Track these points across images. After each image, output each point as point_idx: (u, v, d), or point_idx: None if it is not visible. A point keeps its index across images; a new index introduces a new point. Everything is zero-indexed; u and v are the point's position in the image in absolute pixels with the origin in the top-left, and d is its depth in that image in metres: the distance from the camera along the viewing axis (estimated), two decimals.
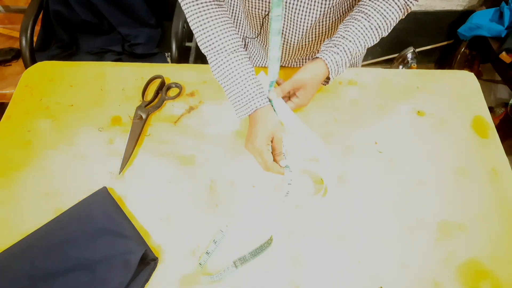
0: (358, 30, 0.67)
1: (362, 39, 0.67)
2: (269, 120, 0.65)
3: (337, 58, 0.67)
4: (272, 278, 0.61)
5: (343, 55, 0.67)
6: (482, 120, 0.79)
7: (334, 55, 0.67)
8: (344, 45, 0.67)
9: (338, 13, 0.74)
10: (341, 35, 0.68)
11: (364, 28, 0.67)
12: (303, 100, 0.69)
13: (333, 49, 0.67)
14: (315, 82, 0.68)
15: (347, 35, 0.67)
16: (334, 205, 0.68)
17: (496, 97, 1.77)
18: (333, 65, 0.67)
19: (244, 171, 0.72)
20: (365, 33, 0.67)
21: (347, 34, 0.67)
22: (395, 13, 0.67)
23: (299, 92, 0.69)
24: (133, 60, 1.37)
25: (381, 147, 0.75)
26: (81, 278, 0.59)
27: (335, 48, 0.67)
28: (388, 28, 0.69)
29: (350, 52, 0.67)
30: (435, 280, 0.60)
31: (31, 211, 0.67)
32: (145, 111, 0.79)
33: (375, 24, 0.67)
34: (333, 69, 0.67)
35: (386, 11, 0.67)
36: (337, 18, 0.76)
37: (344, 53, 0.67)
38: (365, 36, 0.67)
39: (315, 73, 0.67)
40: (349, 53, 0.67)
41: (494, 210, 0.67)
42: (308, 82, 0.67)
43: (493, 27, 1.55)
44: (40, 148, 0.75)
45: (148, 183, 0.71)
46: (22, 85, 0.85)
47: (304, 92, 0.68)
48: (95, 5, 1.30)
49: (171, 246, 0.64)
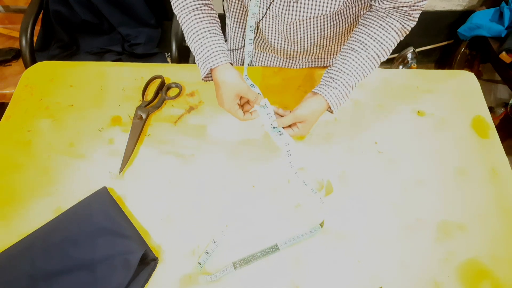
0: (356, 62, 0.66)
1: (360, 71, 0.67)
2: (228, 81, 0.63)
3: (336, 93, 0.66)
4: (272, 278, 0.61)
5: (342, 89, 0.66)
6: (482, 120, 0.79)
7: (333, 90, 0.66)
8: (342, 79, 0.66)
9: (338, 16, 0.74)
10: (339, 69, 0.67)
11: (362, 59, 0.66)
12: (303, 132, 0.68)
13: (331, 84, 0.66)
14: (314, 117, 0.67)
15: (345, 68, 0.66)
16: (334, 205, 0.68)
17: (496, 97, 1.76)
18: (333, 100, 0.66)
19: (244, 171, 0.72)
20: (364, 63, 0.67)
21: (345, 67, 0.66)
22: (392, 39, 0.66)
23: (299, 124, 0.67)
24: (133, 60, 1.37)
25: (381, 147, 0.75)
26: (81, 278, 0.59)
27: (334, 82, 0.66)
28: (386, 54, 0.68)
29: (350, 84, 0.67)
30: (435, 280, 0.60)
31: (31, 211, 0.67)
32: (145, 111, 0.79)
33: (373, 53, 0.66)
34: (333, 103, 0.66)
35: (383, 38, 0.66)
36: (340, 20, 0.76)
37: (344, 87, 0.66)
38: (364, 67, 0.67)
39: (315, 108, 0.66)
40: (348, 86, 0.67)
41: (494, 210, 0.67)
42: (308, 118, 0.66)
43: (493, 27, 1.55)
44: (40, 148, 0.75)
45: (148, 183, 0.71)
46: (22, 85, 0.85)
47: (304, 125, 0.67)
48: (95, 5, 1.30)
49: (171, 246, 0.64)
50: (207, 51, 0.64)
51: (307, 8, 0.70)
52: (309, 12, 0.70)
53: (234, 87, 0.63)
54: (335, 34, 0.79)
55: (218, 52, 0.64)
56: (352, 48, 0.67)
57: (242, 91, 0.64)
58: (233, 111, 0.66)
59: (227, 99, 0.64)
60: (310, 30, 0.75)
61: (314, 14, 0.70)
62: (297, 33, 0.76)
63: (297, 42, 0.79)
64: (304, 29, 0.75)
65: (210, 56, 0.64)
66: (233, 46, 0.92)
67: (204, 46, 0.65)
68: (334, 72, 0.67)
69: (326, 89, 0.66)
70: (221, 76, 0.64)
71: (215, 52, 0.64)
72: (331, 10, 0.69)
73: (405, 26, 0.67)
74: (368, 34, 0.67)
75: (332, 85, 0.66)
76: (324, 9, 0.70)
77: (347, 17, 0.75)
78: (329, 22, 0.74)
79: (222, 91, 0.64)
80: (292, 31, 0.76)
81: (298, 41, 0.79)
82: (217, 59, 0.64)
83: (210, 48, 0.64)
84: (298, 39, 0.78)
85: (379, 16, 0.67)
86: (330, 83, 0.67)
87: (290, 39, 0.79)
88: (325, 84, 0.67)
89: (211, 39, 0.65)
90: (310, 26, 0.74)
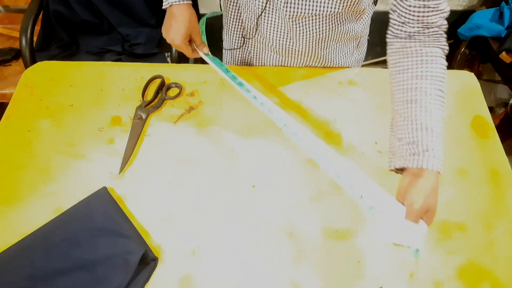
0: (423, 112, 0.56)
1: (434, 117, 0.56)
2: (187, 18, 0.69)
3: (432, 155, 0.54)
4: (272, 277, 0.61)
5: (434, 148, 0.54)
6: (482, 120, 0.79)
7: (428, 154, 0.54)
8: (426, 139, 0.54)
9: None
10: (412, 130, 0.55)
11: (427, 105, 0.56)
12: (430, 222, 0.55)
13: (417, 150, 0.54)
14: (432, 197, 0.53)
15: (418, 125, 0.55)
16: (334, 204, 0.68)
17: (496, 97, 1.76)
18: (436, 163, 0.53)
19: (244, 171, 0.72)
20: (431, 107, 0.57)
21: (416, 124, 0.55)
22: (443, 68, 0.59)
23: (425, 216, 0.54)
24: (133, 60, 1.37)
25: (381, 147, 0.75)
26: (81, 278, 0.59)
27: (421, 147, 0.54)
28: (443, 85, 0.59)
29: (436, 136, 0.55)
30: (435, 280, 0.60)
31: (31, 211, 0.67)
32: (145, 111, 0.79)
33: (435, 91, 0.57)
34: (438, 165, 0.54)
35: (434, 70, 0.58)
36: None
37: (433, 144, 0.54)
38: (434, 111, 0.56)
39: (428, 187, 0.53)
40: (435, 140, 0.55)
41: (494, 210, 0.67)
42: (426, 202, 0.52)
43: (493, 27, 1.55)
44: (40, 148, 0.75)
45: (148, 183, 0.71)
46: (22, 85, 0.85)
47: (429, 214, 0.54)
48: (95, 5, 1.30)
49: (171, 246, 0.64)
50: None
51: (309, 5, 0.69)
52: (310, 10, 0.70)
53: (189, 25, 0.69)
54: (338, 33, 0.79)
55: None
56: (408, 100, 0.57)
57: (194, 31, 0.71)
58: (183, 46, 0.71)
59: (181, 35, 0.69)
60: (311, 27, 0.75)
61: (315, 12, 0.70)
62: (297, 29, 0.75)
63: (297, 39, 0.78)
64: (305, 26, 0.74)
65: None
66: (231, 45, 0.92)
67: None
68: (409, 136, 0.56)
69: (418, 159, 0.54)
70: (180, 10, 0.69)
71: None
72: (334, 10, 0.69)
73: (444, 48, 0.60)
74: (426, 84, 0.57)
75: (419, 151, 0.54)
76: (326, 9, 0.69)
77: (350, 16, 0.75)
78: (331, 21, 0.74)
79: (177, 26, 0.69)
80: (292, 27, 0.75)
81: (298, 38, 0.78)
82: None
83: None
84: (298, 36, 0.77)
85: (413, 52, 0.59)
86: (416, 149, 0.55)
87: (290, 35, 0.78)
88: (413, 154, 0.55)
89: None
90: (311, 23, 0.74)
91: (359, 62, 0.95)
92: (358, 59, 0.94)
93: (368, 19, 0.83)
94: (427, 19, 0.58)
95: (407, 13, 0.59)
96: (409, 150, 0.55)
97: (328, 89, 0.84)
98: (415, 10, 0.58)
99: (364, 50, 0.95)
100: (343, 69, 0.87)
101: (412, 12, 0.58)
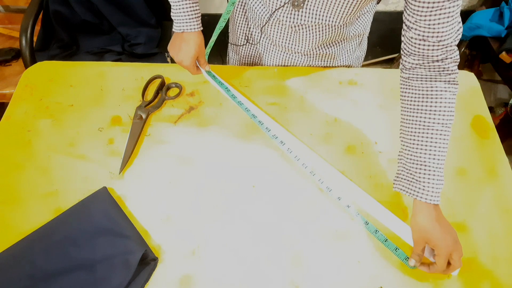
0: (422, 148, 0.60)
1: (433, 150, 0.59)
2: (195, 43, 0.74)
3: (429, 187, 0.59)
4: (272, 278, 0.61)
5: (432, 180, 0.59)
6: (482, 120, 0.79)
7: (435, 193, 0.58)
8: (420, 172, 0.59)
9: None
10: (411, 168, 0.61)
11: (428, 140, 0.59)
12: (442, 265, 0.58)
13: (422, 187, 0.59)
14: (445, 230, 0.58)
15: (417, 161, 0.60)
16: (334, 204, 0.68)
17: (496, 97, 1.76)
18: (432, 195, 0.59)
19: (244, 171, 0.72)
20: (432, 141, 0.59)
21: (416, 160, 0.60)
22: (452, 101, 0.59)
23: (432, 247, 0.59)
24: (133, 60, 1.37)
25: (381, 147, 0.75)
26: (81, 278, 0.59)
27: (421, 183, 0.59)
28: (449, 118, 0.59)
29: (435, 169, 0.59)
30: (435, 280, 0.60)
31: (31, 211, 0.67)
32: (145, 111, 0.79)
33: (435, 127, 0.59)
34: (434, 197, 0.59)
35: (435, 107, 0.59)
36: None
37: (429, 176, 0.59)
38: (435, 144, 0.59)
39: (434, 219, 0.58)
40: (435, 172, 0.59)
41: (494, 210, 0.67)
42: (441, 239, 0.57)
43: (493, 27, 1.55)
44: (40, 148, 0.75)
45: (148, 183, 0.71)
46: (22, 85, 0.85)
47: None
48: (95, 5, 1.30)
49: (171, 246, 0.64)
50: (184, 14, 0.71)
51: (309, 17, 0.71)
52: (311, 20, 0.72)
53: (198, 49, 0.75)
54: (342, 34, 0.80)
55: (192, 17, 0.72)
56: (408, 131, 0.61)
57: (201, 53, 0.77)
58: (191, 68, 0.77)
59: (190, 57, 0.75)
60: (315, 32, 0.76)
61: (319, 22, 0.72)
62: (302, 35, 0.77)
63: (301, 42, 0.80)
64: (309, 31, 0.76)
65: (186, 20, 0.72)
66: (235, 41, 0.93)
67: (182, 9, 0.71)
68: (407, 167, 0.61)
69: (414, 188, 0.60)
70: (192, 36, 0.74)
71: (191, 16, 0.71)
72: (338, 22, 0.70)
73: (448, 81, 0.59)
74: (416, 109, 0.60)
75: (416, 182, 0.60)
76: (325, 19, 0.70)
77: (354, 18, 0.75)
78: (336, 25, 0.74)
79: (187, 50, 0.74)
80: (296, 33, 0.77)
81: (303, 41, 0.80)
82: (191, 25, 0.72)
83: (187, 12, 0.71)
84: (303, 40, 0.79)
85: (415, 86, 0.60)
86: (413, 180, 0.60)
87: (294, 39, 0.80)
88: (411, 185, 0.60)
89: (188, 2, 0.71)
90: (315, 29, 0.75)
91: (360, 58, 0.95)
92: (360, 55, 0.94)
93: (370, 17, 0.84)
94: (428, 52, 0.57)
95: (410, 44, 0.58)
96: (407, 179, 0.62)
97: (328, 89, 0.84)
98: (416, 43, 0.57)
99: (365, 47, 0.96)
100: (343, 69, 0.87)
101: (413, 45, 0.58)
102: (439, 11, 0.53)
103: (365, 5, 0.70)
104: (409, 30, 0.57)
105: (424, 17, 0.54)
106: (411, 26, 0.56)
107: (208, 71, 0.82)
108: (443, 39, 0.55)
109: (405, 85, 0.63)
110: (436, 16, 0.53)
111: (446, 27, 0.54)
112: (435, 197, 0.58)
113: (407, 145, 0.62)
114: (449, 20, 0.53)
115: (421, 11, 0.54)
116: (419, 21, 0.55)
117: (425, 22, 0.54)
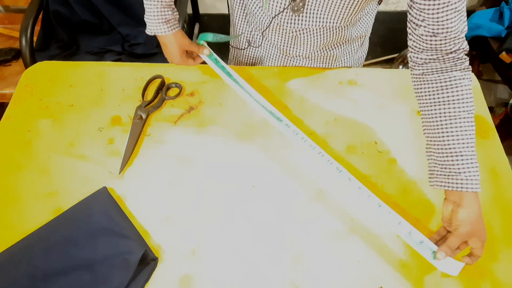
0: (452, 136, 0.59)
1: (462, 139, 0.58)
2: (173, 41, 0.78)
3: (469, 175, 0.57)
4: (272, 278, 0.61)
5: (467, 168, 0.57)
6: (482, 120, 0.79)
7: (465, 175, 0.57)
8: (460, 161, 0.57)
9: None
10: (442, 157, 0.59)
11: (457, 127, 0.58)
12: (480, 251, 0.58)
13: (454, 173, 0.58)
14: (477, 219, 0.57)
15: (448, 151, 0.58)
16: (334, 204, 0.68)
17: (496, 97, 1.77)
18: (474, 183, 0.57)
19: (244, 171, 0.72)
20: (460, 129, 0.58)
21: (446, 151, 0.59)
22: (470, 88, 0.59)
23: (471, 242, 0.58)
24: (133, 60, 1.36)
25: (381, 147, 0.75)
26: (81, 278, 0.59)
27: (454, 168, 0.58)
28: (470, 105, 0.59)
29: (467, 156, 0.58)
30: (435, 280, 0.60)
31: (31, 211, 0.67)
32: (145, 111, 0.79)
33: (461, 115, 0.58)
34: (475, 185, 0.57)
35: (456, 94, 0.58)
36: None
37: (464, 165, 0.57)
38: (462, 132, 0.58)
39: (472, 209, 0.56)
40: (468, 159, 0.57)
41: (494, 210, 0.67)
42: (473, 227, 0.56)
43: (493, 27, 1.55)
44: (40, 148, 0.75)
45: (148, 183, 0.71)
46: (22, 85, 0.85)
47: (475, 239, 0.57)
48: (95, 5, 1.30)
49: (171, 246, 0.64)
50: (153, 18, 0.75)
51: (310, 21, 0.71)
52: (312, 24, 0.72)
53: (179, 45, 0.79)
54: (343, 36, 0.80)
55: (161, 21, 0.75)
56: (433, 125, 0.60)
57: (186, 47, 0.80)
58: (184, 63, 0.81)
59: (176, 55, 0.80)
60: (317, 35, 0.76)
61: (321, 25, 0.72)
62: (303, 38, 0.77)
63: (303, 46, 0.80)
64: (311, 35, 0.76)
65: (155, 24, 0.75)
66: (238, 45, 0.93)
67: (152, 13, 0.75)
68: (441, 162, 0.59)
69: (456, 181, 0.57)
70: (167, 38, 0.78)
71: (159, 21, 0.75)
72: (339, 24, 0.70)
73: (463, 69, 0.59)
74: (437, 102, 0.59)
75: (456, 174, 0.58)
76: (326, 22, 0.70)
77: (355, 20, 0.75)
78: (337, 27, 0.74)
79: (170, 49, 0.79)
80: (298, 37, 0.77)
81: (304, 45, 0.80)
82: (161, 29, 0.76)
83: (156, 16, 0.75)
84: (304, 43, 0.79)
85: (431, 80, 0.60)
86: (451, 173, 0.58)
87: (296, 43, 0.80)
88: (451, 178, 0.58)
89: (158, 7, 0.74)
90: (317, 32, 0.75)
91: (361, 59, 0.95)
92: (361, 56, 0.95)
93: (372, 18, 0.84)
94: (440, 46, 0.58)
95: (421, 41, 0.58)
96: (444, 174, 0.59)
97: (328, 89, 0.84)
98: (427, 40, 0.57)
99: (367, 47, 0.96)
100: (343, 69, 0.87)
101: (425, 41, 0.58)
102: (446, 8, 0.53)
103: (365, 6, 0.70)
104: (418, 28, 0.57)
105: (432, 15, 0.54)
106: (419, 24, 0.56)
107: (209, 55, 0.82)
108: (453, 32, 0.56)
109: (420, 80, 0.62)
110: (444, 13, 0.54)
111: (454, 21, 0.54)
112: (479, 185, 0.57)
113: (436, 139, 0.60)
114: (456, 14, 0.54)
115: (428, 9, 0.54)
116: (428, 19, 0.55)
117: (434, 20, 0.55)
